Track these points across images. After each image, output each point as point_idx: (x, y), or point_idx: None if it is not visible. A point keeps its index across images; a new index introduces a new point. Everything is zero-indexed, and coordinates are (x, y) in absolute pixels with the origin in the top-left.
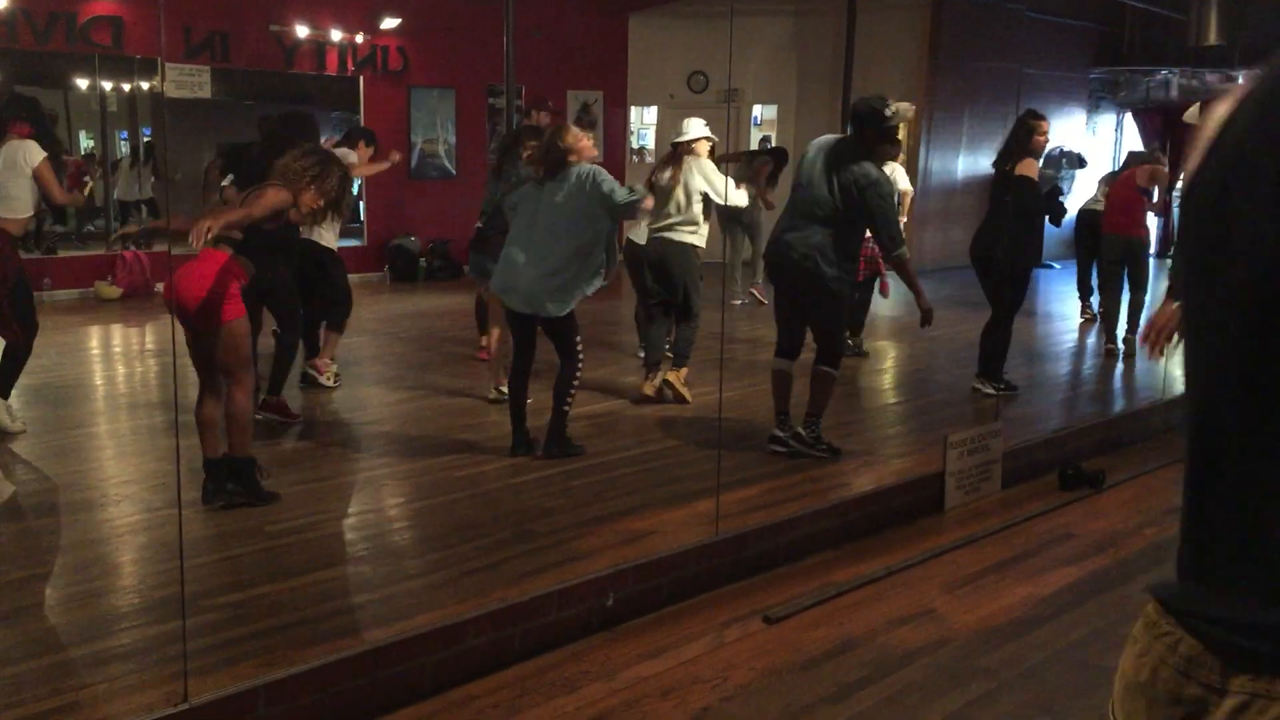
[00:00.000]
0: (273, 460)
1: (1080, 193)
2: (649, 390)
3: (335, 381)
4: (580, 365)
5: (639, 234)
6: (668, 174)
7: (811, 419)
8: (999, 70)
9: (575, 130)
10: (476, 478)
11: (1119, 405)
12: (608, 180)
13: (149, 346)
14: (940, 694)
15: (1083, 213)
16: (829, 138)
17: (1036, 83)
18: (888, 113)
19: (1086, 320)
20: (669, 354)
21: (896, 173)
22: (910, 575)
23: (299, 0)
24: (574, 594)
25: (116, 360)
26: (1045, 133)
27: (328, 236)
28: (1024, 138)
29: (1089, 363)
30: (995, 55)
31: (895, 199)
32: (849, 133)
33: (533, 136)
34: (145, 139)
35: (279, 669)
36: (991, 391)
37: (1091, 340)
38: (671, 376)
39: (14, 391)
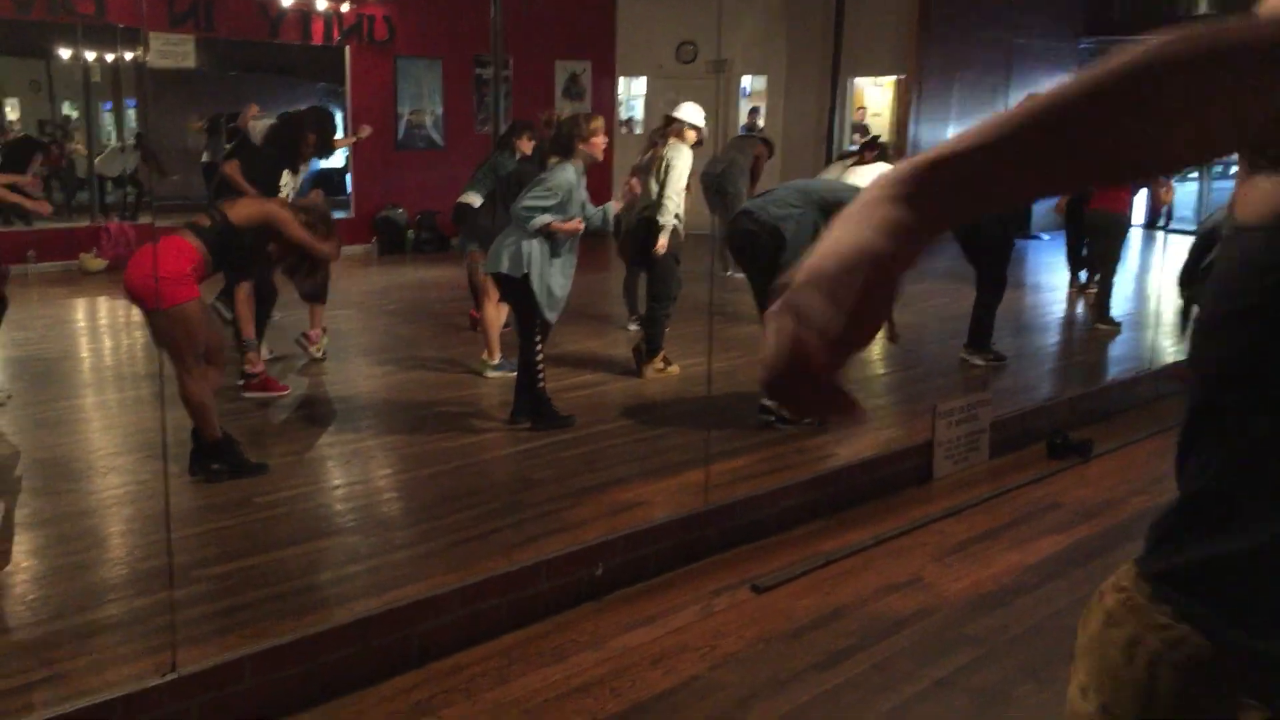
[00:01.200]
0: (261, 432)
1: None
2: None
3: (322, 354)
4: (537, 336)
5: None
6: (649, 154)
7: None
8: (988, 40)
9: (597, 122)
10: (465, 449)
11: (1107, 375)
12: (535, 190)
13: (134, 319)
14: (929, 661)
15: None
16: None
17: (1026, 53)
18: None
19: (1075, 291)
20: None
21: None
22: (899, 544)
23: None
24: (562, 564)
25: (102, 333)
26: None
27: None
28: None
29: (1077, 333)
30: (984, 25)
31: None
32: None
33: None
34: (132, 124)
35: (267, 639)
36: (980, 362)
37: (1081, 311)
38: (645, 370)
39: None
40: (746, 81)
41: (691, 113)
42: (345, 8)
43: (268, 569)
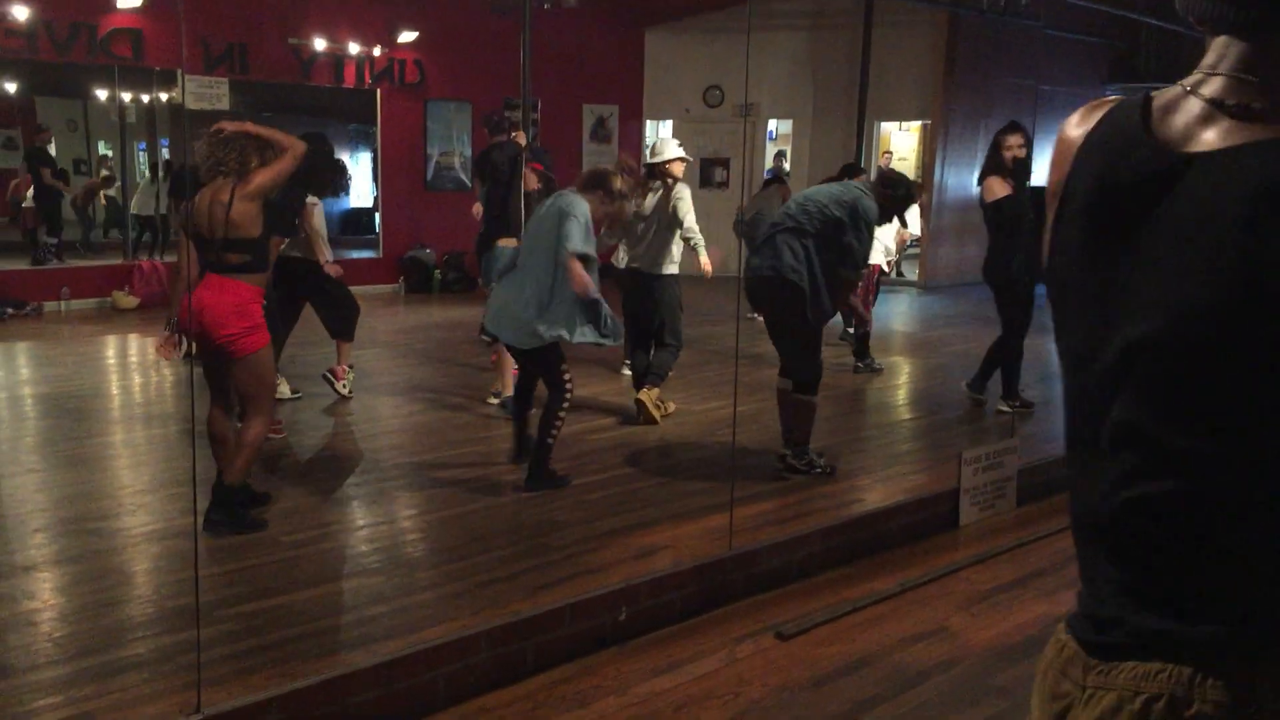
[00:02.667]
0: (287, 471)
1: None
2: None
3: (348, 391)
4: (568, 398)
5: (618, 260)
6: (639, 203)
7: (797, 446)
8: (1014, 86)
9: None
10: (490, 490)
11: None
12: (572, 220)
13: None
14: (953, 712)
15: None
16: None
17: (1052, 98)
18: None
19: None
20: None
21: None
22: (924, 592)
23: (317, 13)
24: (587, 608)
25: (133, 370)
26: (1014, 146)
27: (324, 251)
28: (993, 153)
29: None
30: (1011, 71)
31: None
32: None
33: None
34: (164, 153)
35: (292, 680)
36: (1007, 409)
37: None
38: (643, 395)
39: (31, 401)
40: (773, 125)
41: (670, 149)
42: (377, 52)
43: (293, 609)
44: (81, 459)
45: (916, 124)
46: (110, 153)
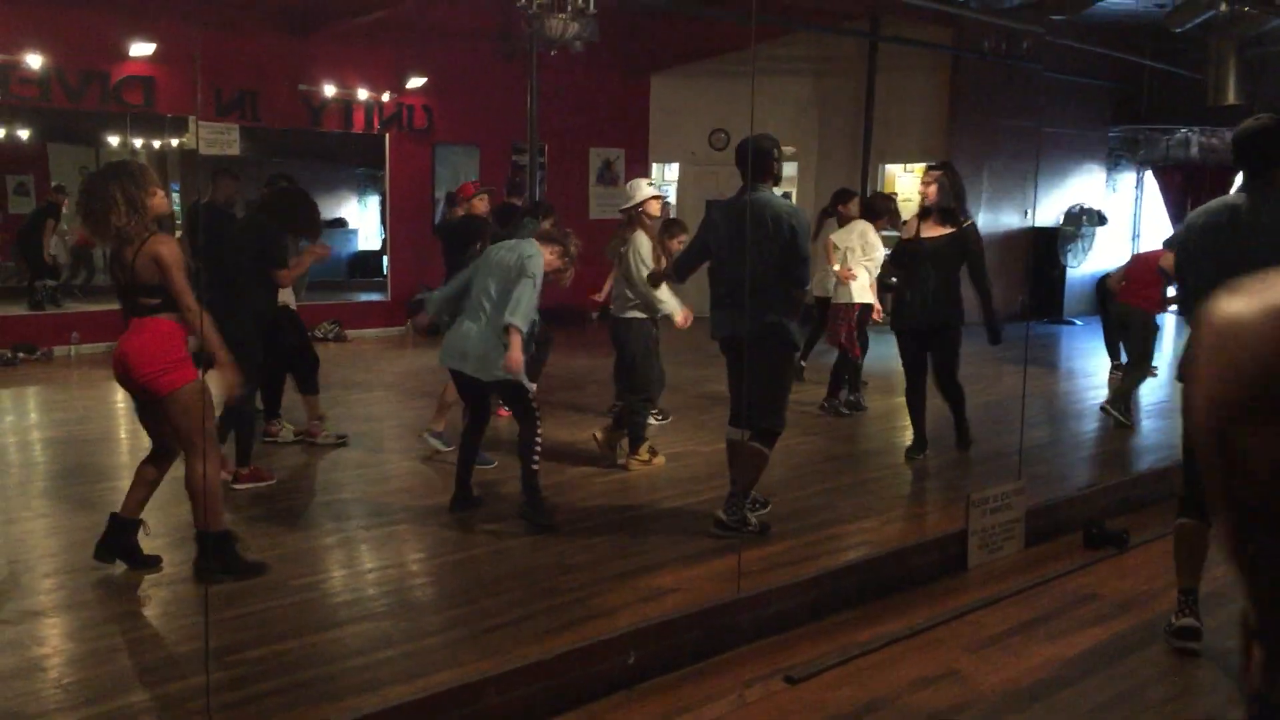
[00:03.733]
0: (292, 516)
1: (1100, 250)
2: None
3: (338, 439)
4: (538, 421)
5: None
6: (615, 245)
7: (733, 498)
8: (1017, 128)
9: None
10: (497, 534)
11: (1144, 463)
12: (528, 283)
13: None
14: None
15: (1101, 282)
16: (728, 200)
17: (1055, 140)
18: (776, 153)
19: (1114, 376)
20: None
21: (869, 235)
22: (933, 635)
23: (327, 60)
24: (595, 652)
25: None
26: (922, 186)
27: (285, 294)
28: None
29: (1112, 420)
30: (1014, 113)
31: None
32: (747, 175)
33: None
34: (175, 198)
35: None
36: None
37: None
38: (631, 461)
39: (40, 445)
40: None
41: (643, 190)
42: (386, 98)
43: (302, 654)
44: (91, 503)
45: (920, 165)
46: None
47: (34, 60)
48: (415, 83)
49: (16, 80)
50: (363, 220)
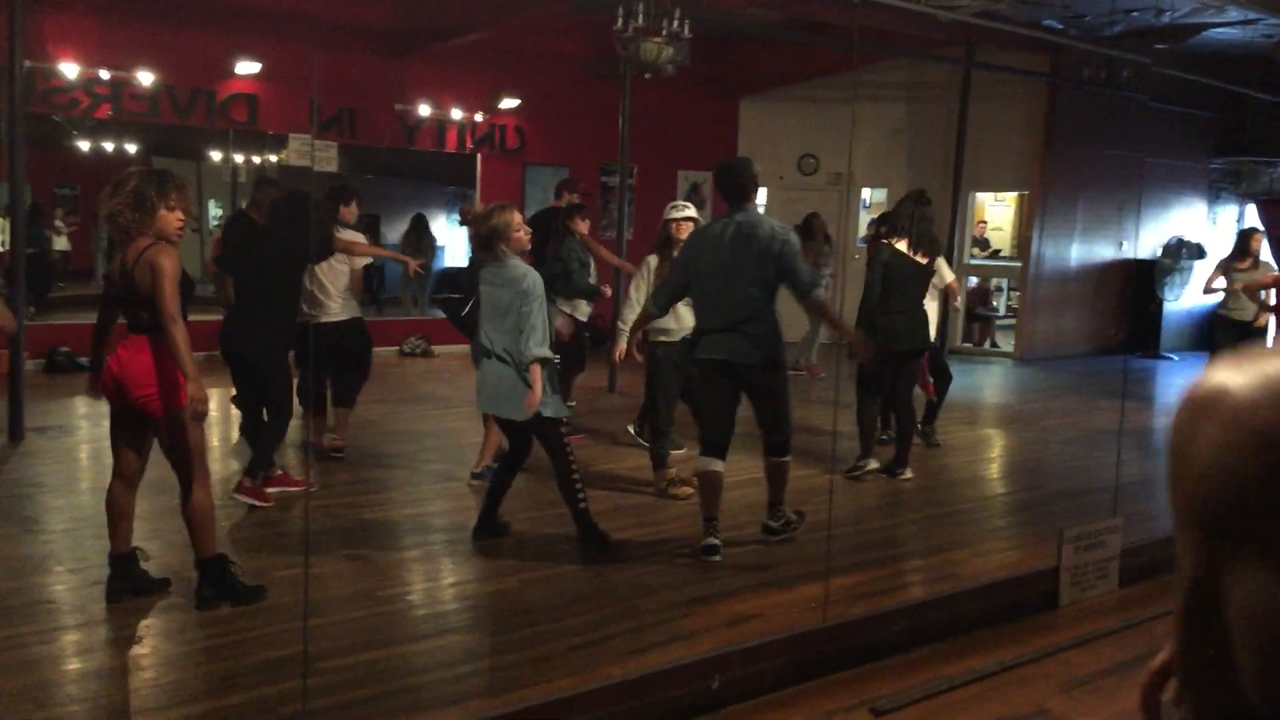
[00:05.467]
0: (373, 527)
1: (1198, 285)
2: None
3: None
4: (572, 458)
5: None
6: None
7: (775, 506)
8: (1114, 158)
9: (516, 216)
10: (582, 551)
11: None
12: (536, 305)
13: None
14: None
15: (1218, 317)
16: (710, 224)
17: (1155, 171)
18: (754, 175)
19: None
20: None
21: (941, 267)
22: (1023, 673)
23: (424, 81)
24: (679, 674)
25: (230, 422)
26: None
27: (347, 307)
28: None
29: None
30: (1112, 142)
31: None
32: (731, 201)
33: (575, 212)
34: None
35: None
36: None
37: None
38: (658, 477)
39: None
40: (867, 194)
41: (679, 210)
42: (479, 118)
43: (388, 663)
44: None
45: (1012, 195)
46: (221, 211)
47: (145, 77)
48: (508, 104)
49: (128, 96)
50: (450, 238)
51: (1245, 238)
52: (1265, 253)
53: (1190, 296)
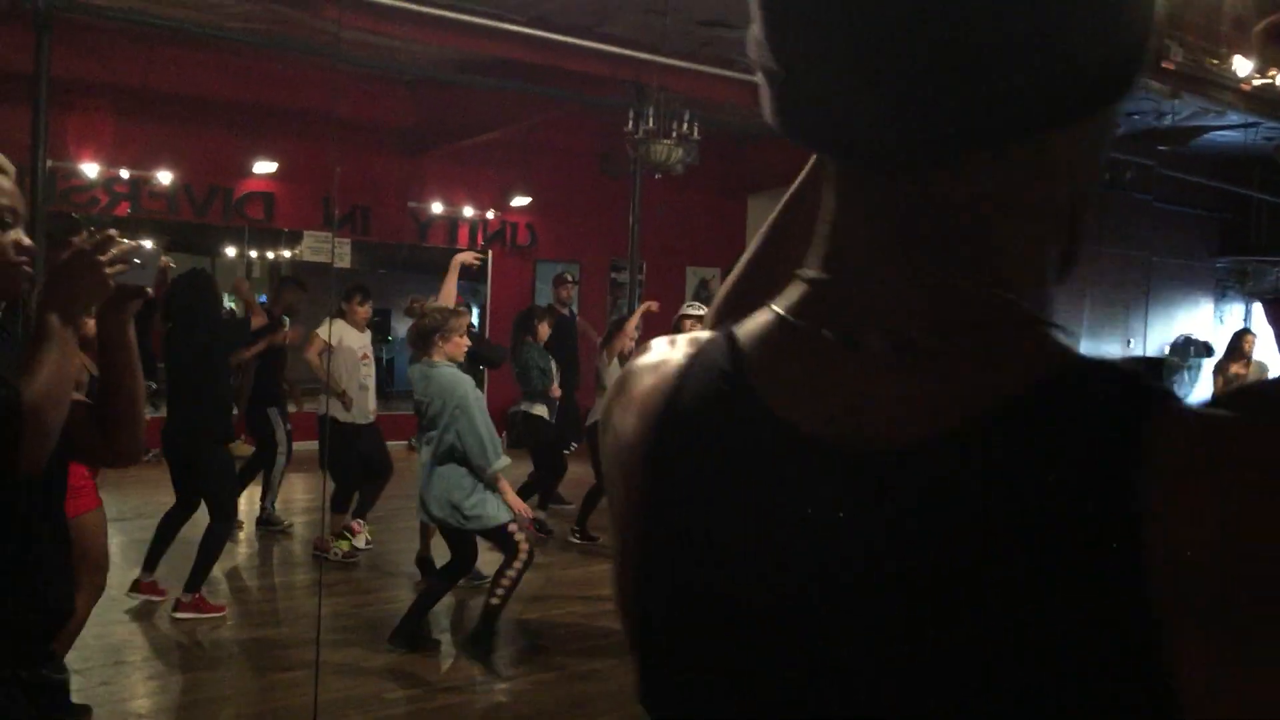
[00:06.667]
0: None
1: (1206, 382)
2: None
3: (366, 543)
4: (519, 559)
5: None
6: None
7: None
8: (1120, 256)
9: (463, 321)
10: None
11: None
12: (471, 434)
13: (295, 500)
14: None
15: None
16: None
17: (1160, 270)
18: None
19: None
20: None
21: None
22: None
23: (436, 179)
24: None
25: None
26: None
27: (360, 411)
28: None
29: None
30: (1117, 241)
31: None
32: None
33: (543, 316)
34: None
35: None
36: None
37: None
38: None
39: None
40: None
41: (687, 308)
42: (491, 215)
43: None
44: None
45: None
46: (234, 305)
47: (164, 176)
48: (519, 201)
49: (147, 194)
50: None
51: (1238, 338)
52: (1261, 351)
53: (1200, 394)
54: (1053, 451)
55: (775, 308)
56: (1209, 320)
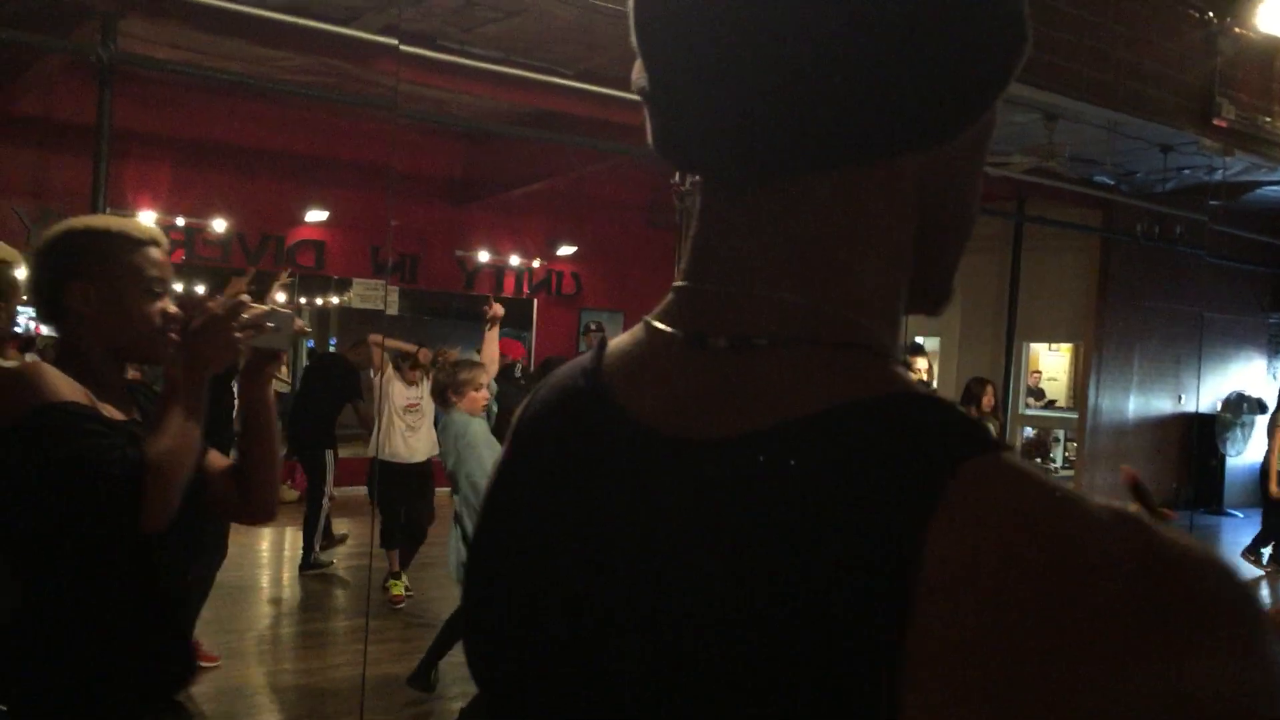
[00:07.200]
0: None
1: (1260, 440)
2: None
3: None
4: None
5: None
6: None
7: None
8: (1170, 311)
9: (481, 378)
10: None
11: None
12: (478, 469)
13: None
14: None
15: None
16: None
17: (1212, 325)
18: None
19: (1268, 574)
20: None
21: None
22: None
23: (483, 228)
24: None
25: (285, 564)
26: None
27: (407, 447)
28: None
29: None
30: (1167, 296)
31: None
32: None
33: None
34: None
35: None
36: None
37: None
38: None
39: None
40: (920, 342)
41: None
42: (536, 264)
43: None
44: (237, 652)
45: (1067, 345)
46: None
47: (219, 225)
48: (565, 250)
49: (201, 242)
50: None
51: None
52: None
53: (1253, 452)
54: (848, 471)
55: (646, 316)
56: (1262, 375)
